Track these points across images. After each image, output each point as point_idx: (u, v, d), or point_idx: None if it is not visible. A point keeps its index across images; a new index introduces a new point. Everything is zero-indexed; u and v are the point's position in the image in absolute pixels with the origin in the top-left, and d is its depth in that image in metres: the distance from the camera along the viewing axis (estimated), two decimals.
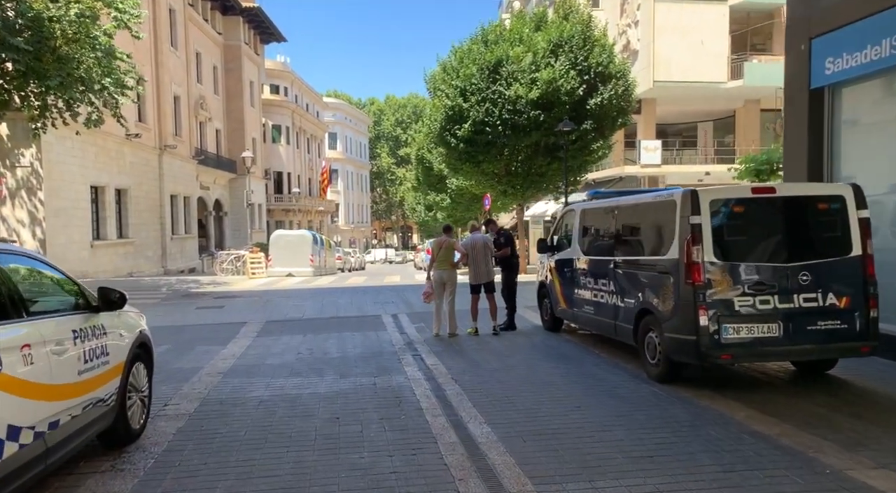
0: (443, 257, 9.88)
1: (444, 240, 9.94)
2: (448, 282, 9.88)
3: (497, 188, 21.46)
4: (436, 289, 9.95)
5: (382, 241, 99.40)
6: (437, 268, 9.90)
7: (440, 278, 9.86)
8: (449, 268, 9.91)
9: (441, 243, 9.90)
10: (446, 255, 9.89)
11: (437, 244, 9.99)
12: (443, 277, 9.86)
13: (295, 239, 25.94)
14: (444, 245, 9.88)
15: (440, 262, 9.88)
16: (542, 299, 10.31)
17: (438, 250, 9.89)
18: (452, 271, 9.96)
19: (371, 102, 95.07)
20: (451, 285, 9.90)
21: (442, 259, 9.87)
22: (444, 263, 9.88)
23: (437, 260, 9.90)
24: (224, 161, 41.36)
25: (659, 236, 6.63)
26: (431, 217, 40.26)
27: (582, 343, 8.98)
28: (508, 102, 18.85)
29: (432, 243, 10.25)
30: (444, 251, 9.88)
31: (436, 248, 9.96)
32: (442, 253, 9.87)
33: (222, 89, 43.07)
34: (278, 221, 53.05)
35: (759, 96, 25.92)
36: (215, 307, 14.44)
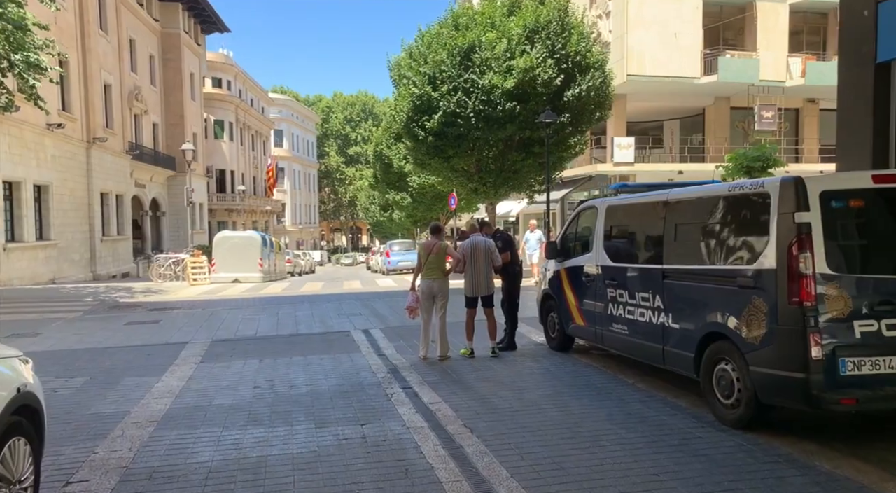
0: (433, 264, 8.18)
1: (434, 243, 8.25)
2: (439, 294, 8.20)
3: (467, 186, 19.82)
4: (423, 302, 8.25)
5: (331, 242, 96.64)
6: (426, 277, 8.21)
7: (429, 289, 8.17)
8: (440, 277, 8.22)
9: (430, 247, 8.20)
10: (437, 261, 8.20)
11: (424, 248, 8.28)
12: (432, 287, 8.17)
13: (242, 241, 23.62)
14: (435, 249, 8.19)
15: (429, 269, 8.19)
16: (546, 313, 8.73)
17: (427, 255, 8.19)
18: (444, 281, 8.28)
19: (319, 99, 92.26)
20: (442, 298, 8.23)
21: (432, 266, 8.18)
22: (435, 270, 8.19)
23: (424, 267, 8.20)
24: (162, 157, 38.40)
25: (740, 239, 5.12)
26: (387, 217, 38.42)
27: (604, 368, 7.44)
28: (482, 91, 17.25)
29: (418, 247, 8.52)
30: (435, 257, 8.18)
31: (423, 252, 8.26)
32: (432, 259, 8.17)
33: (160, 81, 40.03)
34: (221, 221, 50.07)
35: (729, 94, 25.24)
36: (150, 322, 12.28)
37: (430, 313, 8.32)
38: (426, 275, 8.21)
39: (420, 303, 8.27)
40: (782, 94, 24.48)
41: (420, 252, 8.35)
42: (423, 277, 8.24)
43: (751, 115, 25.75)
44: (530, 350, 8.68)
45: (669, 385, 6.52)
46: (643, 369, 7.10)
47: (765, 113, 24.01)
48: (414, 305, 8.35)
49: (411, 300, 8.38)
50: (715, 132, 25.74)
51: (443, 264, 8.26)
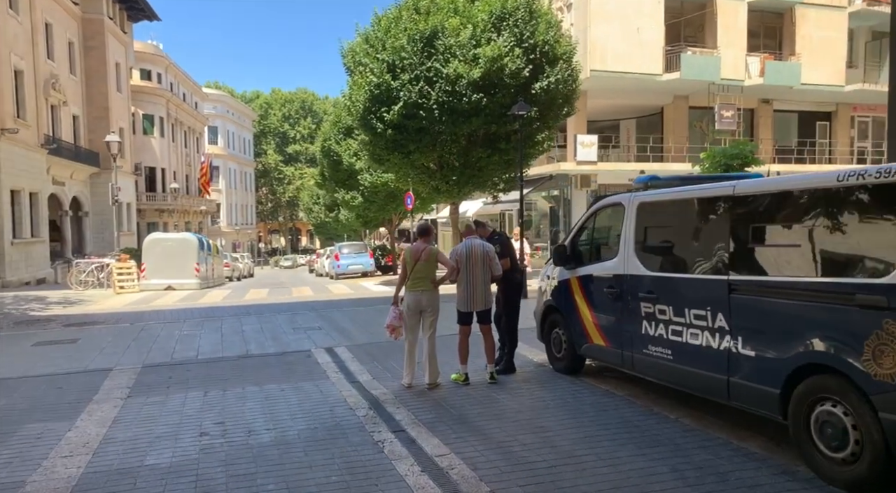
0: (421, 273, 6.77)
1: (422, 247, 6.83)
2: (428, 308, 6.80)
3: (429, 184, 18.39)
4: (409, 319, 6.83)
5: (268, 244, 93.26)
6: (412, 288, 6.78)
7: (416, 303, 6.76)
8: (429, 288, 6.81)
9: (417, 252, 6.78)
10: (426, 269, 6.79)
11: (411, 253, 6.84)
12: (420, 301, 6.76)
13: (176, 244, 21.37)
14: (424, 255, 6.77)
15: (416, 279, 6.77)
16: (549, 329, 7.44)
17: (413, 262, 6.76)
18: (434, 293, 6.86)
19: (256, 96, 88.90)
20: (431, 313, 6.82)
21: (420, 275, 6.76)
22: (423, 280, 6.78)
23: (411, 276, 6.78)
24: (84, 153, 35.25)
25: (862, 244, 3.96)
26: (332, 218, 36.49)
27: (632, 397, 6.20)
28: (447, 81, 15.89)
29: (404, 252, 7.07)
30: (424, 264, 6.77)
31: (409, 258, 6.82)
32: (420, 267, 6.75)
33: (81, 69, 36.79)
34: (151, 222, 46.89)
35: (689, 92, 24.82)
36: (64, 342, 10.31)
37: (416, 331, 6.91)
38: (413, 286, 6.79)
39: (404, 320, 6.85)
40: (741, 93, 24.23)
41: (406, 258, 6.90)
42: (410, 288, 6.81)
43: (708, 114, 25.43)
44: (532, 373, 7.38)
45: (722, 421, 5.34)
46: (678, 397, 5.91)
47: (725, 112, 23.68)
48: (396, 323, 6.91)
49: (393, 317, 6.92)
50: (674, 132, 25.26)
51: (433, 272, 6.86)
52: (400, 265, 7.05)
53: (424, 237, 6.94)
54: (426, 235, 6.96)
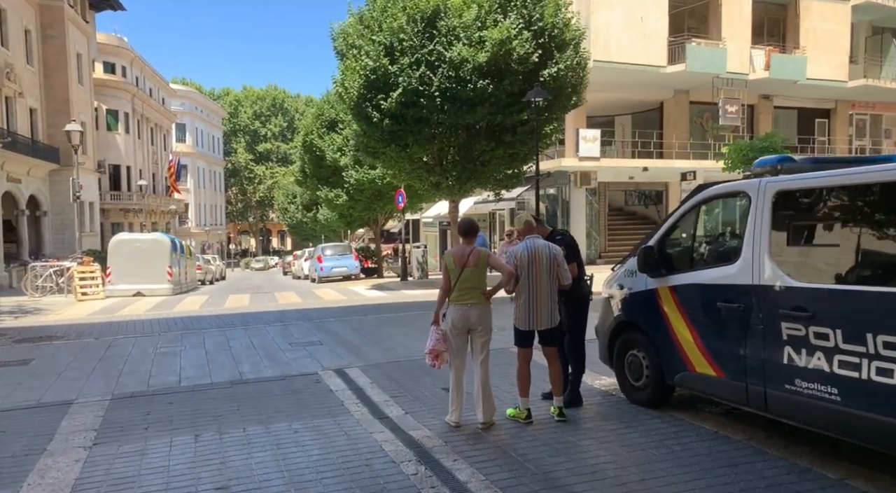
0: (469, 282, 5.28)
1: (469, 250, 5.34)
2: (479, 327, 5.33)
3: (427, 180, 16.88)
4: (454, 341, 5.37)
5: (238, 245, 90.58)
6: (459, 301, 5.29)
7: (464, 320, 5.29)
8: (480, 301, 5.33)
9: (464, 256, 5.30)
10: (475, 277, 5.31)
11: (455, 258, 5.35)
12: (468, 318, 5.29)
13: (146, 245, 19.43)
14: (472, 259, 5.30)
15: (464, 290, 5.28)
16: (622, 351, 6.05)
17: (460, 268, 5.28)
18: (485, 308, 5.39)
19: (226, 93, 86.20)
20: (483, 333, 5.37)
21: (467, 285, 5.28)
22: (472, 291, 5.30)
23: (457, 287, 5.31)
24: (42, 148, 32.87)
25: None
26: (310, 218, 34.69)
27: (755, 441, 4.83)
28: (450, 65, 14.43)
29: (446, 256, 5.56)
30: (473, 271, 5.30)
31: (453, 263, 5.33)
32: (468, 274, 5.27)
33: (39, 59, 34.37)
34: (115, 222, 44.40)
35: (691, 86, 23.79)
36: (14, 364, 8.56)
37: (463, 355, 5.45)
38: (459, 299, 5.31)
39: (450, 343, 5.39)
40: (745, 87, 23.29)
41: (448, 264, 5.41)
42: (455, 302, 5.33)
43: (709, 110, 24.47)
44: (603, 406, 5.96)
45: None
46: (822, 443, 4.56)
47: (729, 107, 22.71)
48: (441, 347, 5.43)
49: (436, 340, 5.43)
50: (675, 127, 24.20)
51: (483, 281, 5.40)
52: (441, 273, 5.57)
53: (469, 237, 5.45)
54: (471, 234, 5.47)
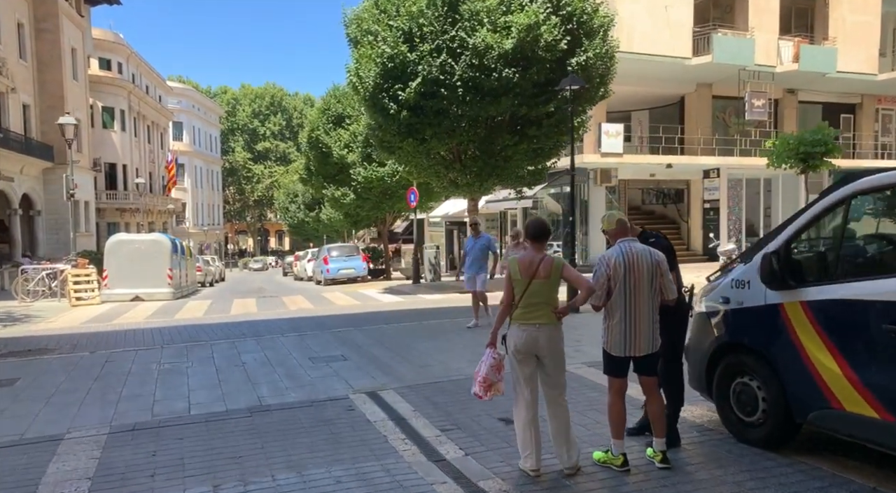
0: (538, 296, 4.20)
1: (537, 257, 4.23)
2: (549, 353, 4.24)
3: (445, 176, 15.83)
4: (521, 368, 4.31)
5: (236, 245, 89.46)
6: (523, 320, 4.22)
7: (530, 344, 4.21)
8: (550, 321, 4.22)
9: (531, 264, 4.20)
10: (546, 290, 4.21)
11: (520, 266, 4.22)
12: (535, 341, 4.20)
13: (145, 246, 18.29)
14: (542, 268, 4.20)
15: (531, 307, 4.21)
16: (727, 377, 4.98)
17: (527, 280, 4.20)
18: (556, 329, 4.28)
19: (224, 91, 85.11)
20: (554, 361, 4.28)
21: (535, 300, 4.21)
22: (541, 308, 4.21)
23: (522, 303, 4.24)
24: (36, 145, 31.78)
25: None
26: (313, 217, 33.59)
27: None
28: (474, 53, 13.39)
29: (509, 263, 4.44)
30: (543, 283, 4.21)
31: (517, 273, 4.22)
32: (537, 287, 4.20)
33: (32, 54, 33.27)
34: (112, 222, 43.25)
35: (715, 79, 22.78)
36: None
37: (531, 386, 4.37)
38: (524, 317, 4.22)
39: (513, 371, 4.35)
40: (772, 80, 22.30)
41: (513, 273, 4.29)
42: (519, 320, 4.24)
43: (732, 104, 23.48)
44: (707, 445, 4.88)
45: None
46: None
47: (755, 101, 21.72)
48: (494, 376, 4.39)
49: (490, 367, 4.37)
50: (697, 123, 23.19)
51: (555, 296, 4.32)
52: (504, 284, 4.50)
53: (540, 242, 4.38)
54: (542, 238, 4.40)
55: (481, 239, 10.50)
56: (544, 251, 4.35)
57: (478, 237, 10.49)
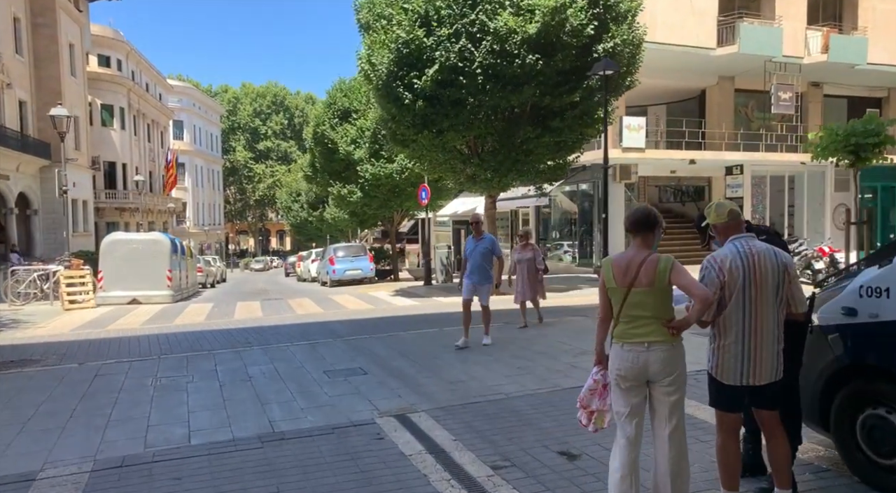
0: (642, 308, 3.27)
1: (639, 257, 3.29)
2: (664, 379, 3.28)
3: (462, 171, 14.89)
4: (626, 397, 3.36)
5: (237, 245, 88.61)
6: (626, 338, 3.30)
7: (638, 369, 3.28)
8: (663, 339, 3.24)
9: (631, 267, 3.29)
10: (654, 301, 3.25)
11: (615, 269, 3.29)
12: (647, 365, 3.25)
13: (143, 246, 17.32)
14: (645, 272, 3.22)
15: (633, 320, 3.29)
16: (850, 408, 4.00)
17: (625, 288, 3.26)
18: (675, 350, 3.29)
19: (224, 90, 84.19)
20: (672, 389, 3.30)
21: (639, 313, 3.28)
22: (647, 324, 3.27)
23: (622, 315, 3.29)
24: (32, 143, 30.90)
25: None
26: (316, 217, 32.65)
27: None
28: (495, 38, 12.46)
29: (604, 267, 3.50)
30: (647, 292, 3.26)
31: (612, 279, 3.30)
32: (639, 296, 3.26)
33: (28, 49, 32.38)
34: (111, 222, 42.32)
35: (737, 72, 21.82)
36: None
37: (636, 420, 3.43)
38: (627, 335, 3.29)
39: (615, 399, 3.43)
40: (799, 72, 21.35)
41: (606, 278, 3.35)
42: (621, 339, 3.32)
43: (754, 98, 22.54)
44: (827, 491, 3.98)
45: None
46: None
47: (782, 94, 20.76)
48: (599, 404, 3.50)
49: (590, 391, 3.51)
50: (719, 117, 22.22)
51: (666, 307, 3.35)
52: (599, 292, 3.55)
53: (644, 235, 3.43)
54: (645, 229, 3.42)
55: (483, 241, 8.65)
56: (649, 249, 3.40)
57: (479, 238, 8.66)
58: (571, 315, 11.52)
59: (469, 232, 9.86)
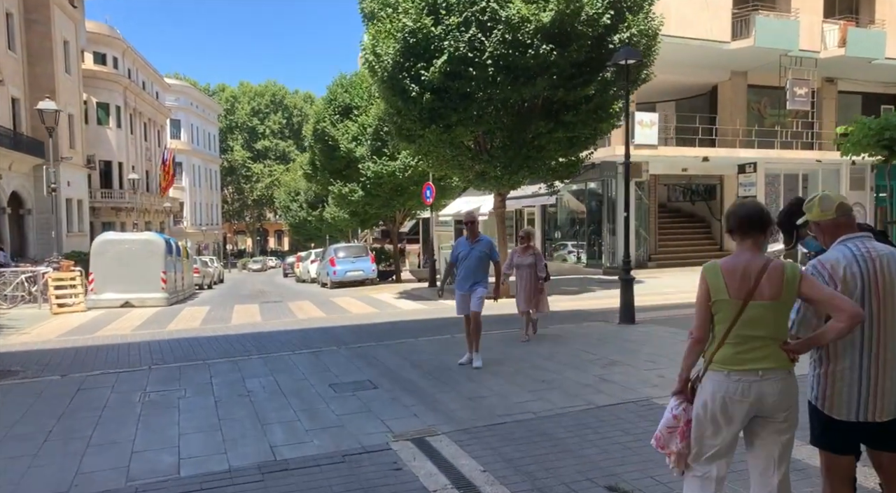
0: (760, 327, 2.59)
1: (758, 265, 2.63)
2: (779, 415, 2.61)
3: (471, 169, 14.22)
4: (714, 434, 2.68)
5: (235, 245, 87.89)
6: (734, 365, 2.61)
7: (748, 404, 2.60)
8: (780, 365, 2.60)
9: (745, 275, 2.62)
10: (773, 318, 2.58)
11: (728, 275, 2.63)
12: (761, 399, 2.58)
13: (136, 247, 16.61)
14: (767, 282, 2.58)
15: (747, 344, 2.60)
16: None
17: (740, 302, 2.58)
18: (790, 377, 2.64)
19: (222, 89, 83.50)
20: (785, 427, 2.63)
21: (752, 332, 2.60)
22: (763, 346, 2.59)
23: (732, 335, 2.64)
24: (25, 141, 30.18)
25: None
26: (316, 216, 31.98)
27: None
28: (507, 27, 11.80)
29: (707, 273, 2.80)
30: (770, 307, 2.58)
31: (722, 287, 2.62)
32: (758, 312, 2.58)
33: (22, 45, 31.70)
34: (107, 222, 41.61)
35: (750, 67, 21.19)
36: None
37: (725, 460, 2.77)
38: (736, 360, 2.62)
39: (707, 433, 2.76)
40: (815, 67, 20.72)
41: (712, 287, 2.70)
42: (725, 365, 2.64)
43: (767, 94, 21.92)
44: None
45: None
46: None
47: (798, 89, 20.14)
48: (672, 443, 2.83)
49: (668, 428, 2.85)
50: (731, 113, 21.58)
51: (786, 325, 2.69)
52: (697, 305, 2.87)
53: (755, 237, 2.78)
54: (758, 229, 2.77)
55: (480, 244, 7.41)
56: (764, 254, 2.74)
57: (475, 241, 7.41)
58: (589, 320, 10.87)
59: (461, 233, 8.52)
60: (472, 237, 7.42)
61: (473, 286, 7.33)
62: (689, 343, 2.81)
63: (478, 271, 7.37)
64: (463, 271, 7.37)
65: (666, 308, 11.99)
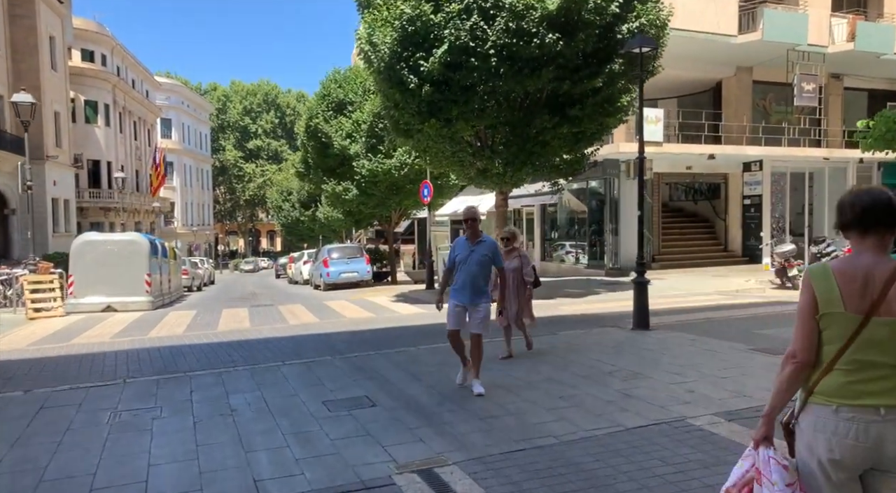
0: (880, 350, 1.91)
1: (881, 270, 1.95)
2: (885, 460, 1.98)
3: (472, 165, 13.53)
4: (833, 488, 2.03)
5: (226, 246, 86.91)
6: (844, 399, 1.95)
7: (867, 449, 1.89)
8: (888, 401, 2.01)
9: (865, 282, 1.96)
10: None
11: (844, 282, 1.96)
12: (883, 441, 1.85)
13: (118, 248, 15.81)
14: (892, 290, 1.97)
15: (861, 370, 1.90)
16: None
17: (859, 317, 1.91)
18: None
19: (214, 88, 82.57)
20: None
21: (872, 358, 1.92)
22: (885, 374, 1.92)
23: (844, 360, 1.95)
24: (10, 139, 29.29)
25: None
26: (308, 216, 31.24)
27: None
28: (511, 14, 11.13)
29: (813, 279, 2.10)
30: None
31: (836, 300, 1.94)
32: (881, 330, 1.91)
33: (6, 41, 30.86)
34: (95, 222, 40.72)
35: (758, 62, 20.60)
36: None
37: None
38: (849, 391, 1.95)
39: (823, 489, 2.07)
40: (823, 62, 20.15)
41: (821, 297, 2.03)
42: (838, 396, 1.97)
43: (772, 90, 21.36)
44: None
45: None
46: None
47: (805, 85, 19.57)
48: None
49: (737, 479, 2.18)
50: (736, 110, 21.00)
51: None
52: (797, 320, 2.21)
53: (882, 233, 2.11)
54: (890, 223, 2.13)
55: (482, 245, 6.28)
56: (885, 250, 2.08)
57: (476, 241, 6.29)
58: (599, 325, 10.20)
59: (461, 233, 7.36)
60: (472, 238, 6.29)
61: (474, 299, 6.22)
62: (790, 369, 2.12)
63: (479, 279, 6.26)
64: (462, 276, 6.24)
65: (678, 312, 11.37)
